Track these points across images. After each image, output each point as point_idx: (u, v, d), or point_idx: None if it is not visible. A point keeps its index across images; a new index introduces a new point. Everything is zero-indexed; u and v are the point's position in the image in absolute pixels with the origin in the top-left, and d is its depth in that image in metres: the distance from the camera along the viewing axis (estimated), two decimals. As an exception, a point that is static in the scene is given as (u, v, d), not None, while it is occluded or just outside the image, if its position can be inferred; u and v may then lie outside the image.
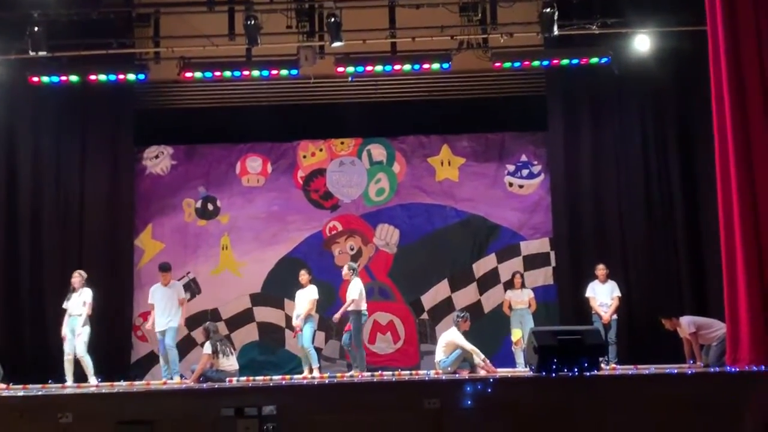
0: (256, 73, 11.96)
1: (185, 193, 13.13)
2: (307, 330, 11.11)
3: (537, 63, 12.03)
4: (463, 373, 10.19)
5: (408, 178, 13.15)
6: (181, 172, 13.18)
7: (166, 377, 10.87)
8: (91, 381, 10.55)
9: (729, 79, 9.21)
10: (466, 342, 10.48)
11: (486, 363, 10.42)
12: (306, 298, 11.27)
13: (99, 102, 12.70)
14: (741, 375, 8.50)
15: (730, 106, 9.18)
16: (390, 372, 10.98)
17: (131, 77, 11.95)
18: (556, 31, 11.19)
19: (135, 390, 9.25)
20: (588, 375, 8.61)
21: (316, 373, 10.93)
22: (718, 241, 9.58)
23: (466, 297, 12.74)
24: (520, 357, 11.26)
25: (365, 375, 10.57)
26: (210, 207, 13.12)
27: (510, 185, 13.07)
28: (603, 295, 11.50)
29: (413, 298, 12.87)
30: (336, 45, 11.33)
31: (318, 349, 11.65)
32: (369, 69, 11.89)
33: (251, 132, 13.13)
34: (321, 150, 13.25)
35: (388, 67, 11.90)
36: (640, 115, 12.72)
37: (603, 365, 9.88)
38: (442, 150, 13.16)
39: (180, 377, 10.80)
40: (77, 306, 10.78)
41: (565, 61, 11.98)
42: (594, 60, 11.88)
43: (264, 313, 12.81)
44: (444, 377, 9.95)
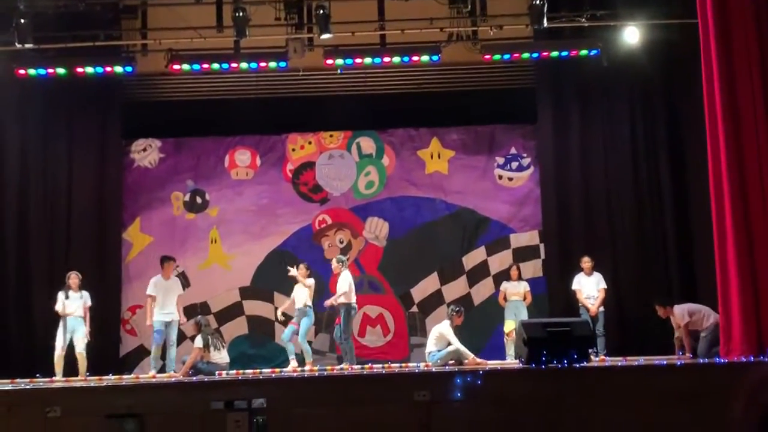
0: (244, 66, 11.90)
1: (173, 186, 13.07)
2: (305, 323, 11.06)
3: (526, 55, 12.02)
4: (453, 365, 10.15)
5: (397, 171, 13.13)
6: (170, 165, 13.12)
7: (155, 370, 10.85)
8: (81, 377, 10.50)
9: (719, 71, 9.20)
10: (455, 339, 10.38)
11: (474, 361, 10.28)
12: (304, 289, 11.17)
13: (86, 94, 12.61)
14: (731, 366, 8.52)
15: (720, 97, 9.18)
16: (380, 365, 10.96)
17: (118, 69, 11.87)
18: (545, 24, 11.15)
19: (124, 384, 9.18)
20: (578, 366, 8.61)
21: (307, 368, 10.92)
22: (708, 232, 9.61)
23: (455, 290, 12.73)
24: (511, 349, 11.24)
25: (355, 368, 10.56)
26: (199, 200, 13.07)
27: (499, 178, 13.07)
28: (589, 288, 11.52)
29: (403, 291, 12.85)
30: (325, 37, 11.27)
31: (308, 342, 11.61)
32: (358, 61, 11.87)
33: (240, 125, 13.06)
34: (310, 143, 13.21)
35: (377, 60, 11.89)
36: (629, 107, 12.73)
37: (592, 357, 9.86)
38: (431, 143, 13.14)
39: (173, 371, 10.78)
40: (78, 307, 10.80)
41: (555, 54, 11.99)
42: (583, 52, 11.90)
43: (253, 307, 12.78)
44: (434, 369, 9.93)
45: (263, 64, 11.89)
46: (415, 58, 11.84)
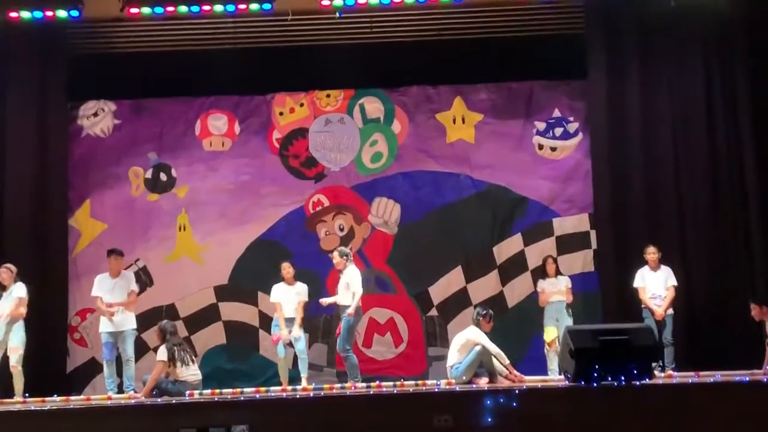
0: (219, 8, 11.90)
1: (132, 160, 13.10)
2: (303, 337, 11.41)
3: (574, -8, 12.06)
4: (481, 383, 10.19)
5: (411, 139, 13.13)
6: (127, 133, 13.14)
7: (111, 391, 10.88)
8: (17, 399, 10.54)
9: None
10: (489, 341, 10.47)
11: (511, 370, 10.42)
12: (296, 300, 11.37)
13: (22, 46, 12.64)
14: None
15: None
16: (391, 382, 10.99)
17: (62, 14, 11.91)
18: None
19: (72, 407, 9.22)
20: (638, 384, 8.61)
21: (304, 383, 11.06)
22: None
23: (484, 288, 12.77)
24: (554, 362, 11.28)
25: (359, 386, 10.59)
26: (163, 177, 13.10)
27: (540, 148, 13.06)
28: (655, 285, 11.52)
29: (419, 289, 12.89)
30: (320, -28, 11.30)
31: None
32: (361, 1, 11.86)
33: (214, 83, 13.07)
34: (302, 105, 13.21)
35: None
36: (703, 60, 12.69)
37: (657, 372, 9.88)
38: (453, 104, 13.14)
39: (133, 391, 10.83)
40: (7, 307, 10.78)
41: (610, -10, 12.00)
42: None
43: (232, 310, 12.83)
44: (458, 388, 9.96)
45: (243, 6, 11.88)
46: (434, -4, 11.88)
